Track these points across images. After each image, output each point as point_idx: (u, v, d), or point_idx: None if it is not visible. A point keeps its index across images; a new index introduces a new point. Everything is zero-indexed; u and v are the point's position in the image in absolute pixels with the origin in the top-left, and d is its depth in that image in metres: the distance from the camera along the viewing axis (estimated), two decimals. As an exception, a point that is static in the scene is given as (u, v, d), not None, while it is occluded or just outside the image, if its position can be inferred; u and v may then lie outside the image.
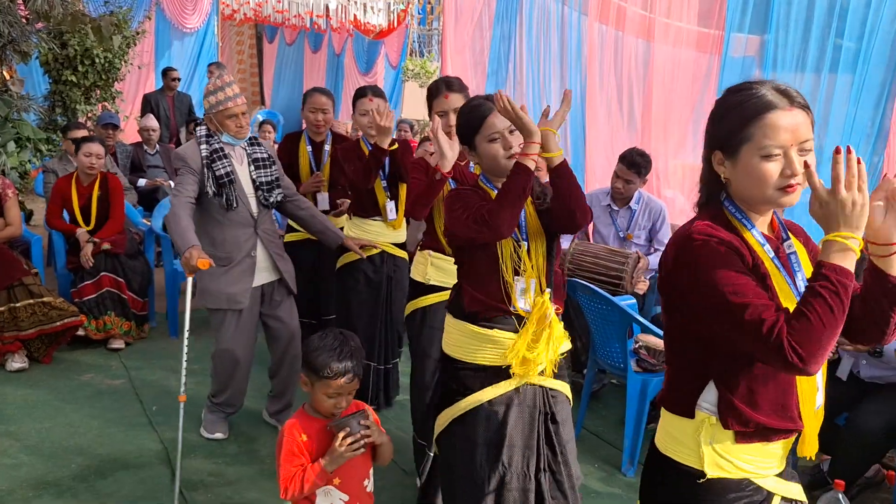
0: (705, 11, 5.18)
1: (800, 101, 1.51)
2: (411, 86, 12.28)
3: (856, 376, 3.29)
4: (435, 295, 2.99)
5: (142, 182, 6.78)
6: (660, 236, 4.41)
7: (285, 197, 3.63)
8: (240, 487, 3.25)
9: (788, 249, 1.62)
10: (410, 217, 3.47)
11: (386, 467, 2.49)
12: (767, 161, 1.49)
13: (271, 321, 3.65)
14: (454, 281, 2.67)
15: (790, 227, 1.69)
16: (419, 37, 13.45)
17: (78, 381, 4.28)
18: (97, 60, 8.32)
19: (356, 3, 11.27)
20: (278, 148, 4.46)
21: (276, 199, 3.54)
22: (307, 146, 4.32)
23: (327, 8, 11.33)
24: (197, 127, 3.52)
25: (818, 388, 1.59)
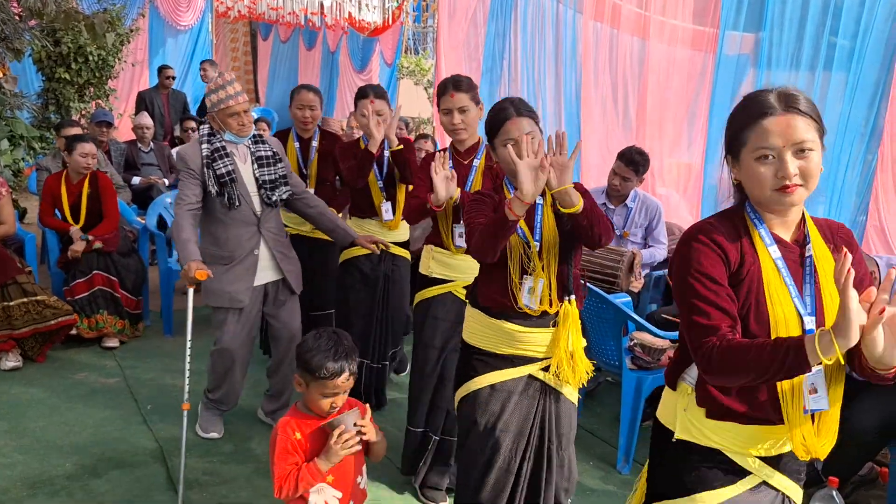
0: (700, 9, 5.18)
1: (798, 106, 1.55)
2: (406, 84, 12.27)
3: (849, 375, 3.29)
4: (438, 287, 3.11)
5: (136, 180, 6.76)
6: (656, 234, 4.41)
7: (293, 195, 3.60)
8: (235, 486, 3.26)
9: (807, 253, 1.65)
10: (406, 222, 3.54)
11: (379, 463, 2.52)
12: (761, 163, 1.57)
13: (273, 321, 3.65)
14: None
15: (833, 231, 1.71)
16: (414, 34, 13.44)
17: (72, 380, 4.27)
18: (91, 58, 8.30)
19: (351, 1, 11.24)
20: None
21: (281, 198, 3.51)
22: (295, 143, 4.32)
23: (322, 5, 11.29)
24: (200, 125, 3.50)
25: (805, 394, 1.62)
